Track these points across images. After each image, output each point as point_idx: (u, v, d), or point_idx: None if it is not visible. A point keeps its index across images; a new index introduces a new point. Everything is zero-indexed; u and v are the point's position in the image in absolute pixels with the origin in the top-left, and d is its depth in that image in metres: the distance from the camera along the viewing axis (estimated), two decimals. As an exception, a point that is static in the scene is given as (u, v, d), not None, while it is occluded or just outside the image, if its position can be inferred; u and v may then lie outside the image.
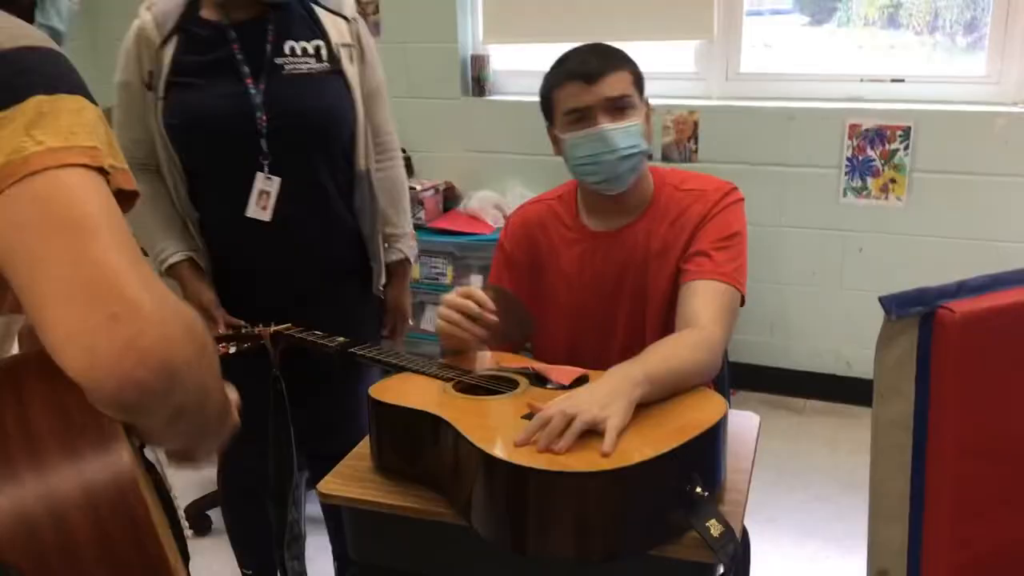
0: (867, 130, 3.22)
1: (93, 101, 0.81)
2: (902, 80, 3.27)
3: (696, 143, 3.46)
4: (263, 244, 1.87)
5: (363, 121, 1.91)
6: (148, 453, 0.91)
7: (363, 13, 3.73)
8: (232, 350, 1.79)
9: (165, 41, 1.79)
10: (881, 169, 3.24)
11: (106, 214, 0.74)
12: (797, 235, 3.43)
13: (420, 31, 3.75)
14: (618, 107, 1.64)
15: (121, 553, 0.71)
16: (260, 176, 1.82)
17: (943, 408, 0.93)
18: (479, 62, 3.75)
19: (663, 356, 1.44)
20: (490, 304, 1.56)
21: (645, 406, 1.35)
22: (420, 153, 3.89)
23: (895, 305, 0.91)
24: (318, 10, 1.89)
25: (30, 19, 0.94)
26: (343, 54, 1.88)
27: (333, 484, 1.44)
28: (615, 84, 1.63)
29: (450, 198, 3.82)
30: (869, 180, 3.26)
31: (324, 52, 1.86)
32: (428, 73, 3.79)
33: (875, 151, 3.23)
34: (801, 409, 3.54)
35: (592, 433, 1.26)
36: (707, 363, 1.49)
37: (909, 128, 3.17)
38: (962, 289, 0.93)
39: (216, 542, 2.33)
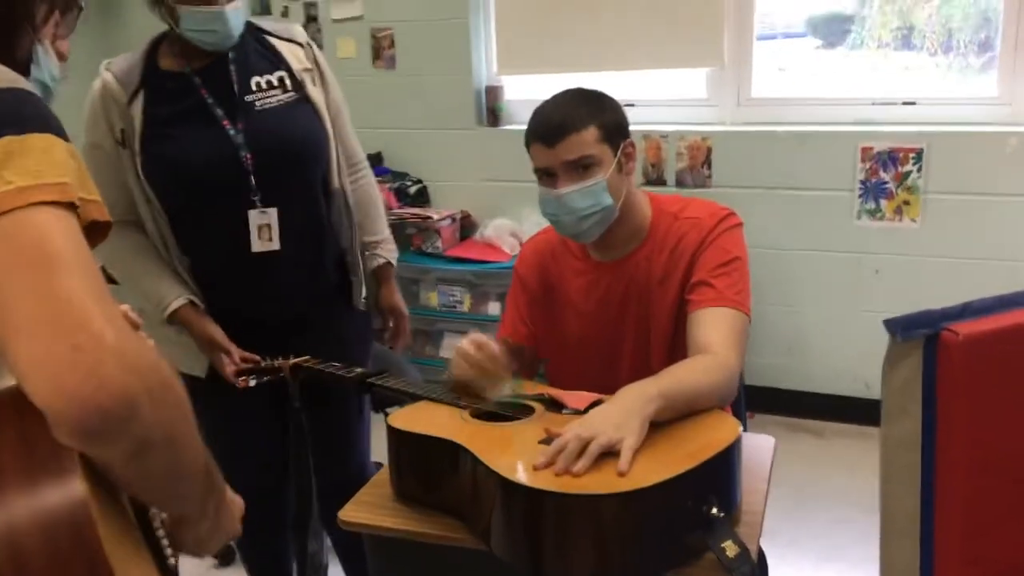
0: (879, 152, 3.24)
1: (65, 137, 0.84)
2: (913, 103, 3.30)
3: (710, 168, 3.49)
4: (257, 274, 1.89)
5: (334, 141, 1.96)
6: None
7: (377, 47, 3.84)
8: (252, 383, 1.82)
9: (132, 97, 1.82)
10: (895, 191, 3.25)
11: (72, 249, 0.77)
12: (813, 258, 3.45)
13: (435, 63, 3.82)
14: (580, 167, 1.64)
15: (70, 571, 0.72)
16: (254, 213, 1.85)
17: (950, 428, 0.95)
18: (493, 93, 3.81)
19: (677, 376, 1.46)
20: (503, 360, 1.58)
21: (660, 428, 1.37)
22: (436, 183, 3.94)
23: (900, 328, 0.93)
24: (272, 40, 1.93)
25: (26, 74, 0.97)
26: (306, 79, 1.93)
27: (354, 512, 1.47)
28: (574, 146, 1.62)
29: (467, 227, 3.87)
30: (883, 202, 3.28)
31: (288, 81, 1.90)
32: (443, 104, 3.85)
33: (888, 173, 3.24)
34: (821, 432, 3.53)
35: (608, 454, 1.28)
36: (722, 385, 1.51)
37: (922, 150, 3.19)
38: (967, 311, 0.95)
39: (241, 572, 2.36)
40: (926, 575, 1.00)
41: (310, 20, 3.96)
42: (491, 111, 3.83)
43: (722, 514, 1.27)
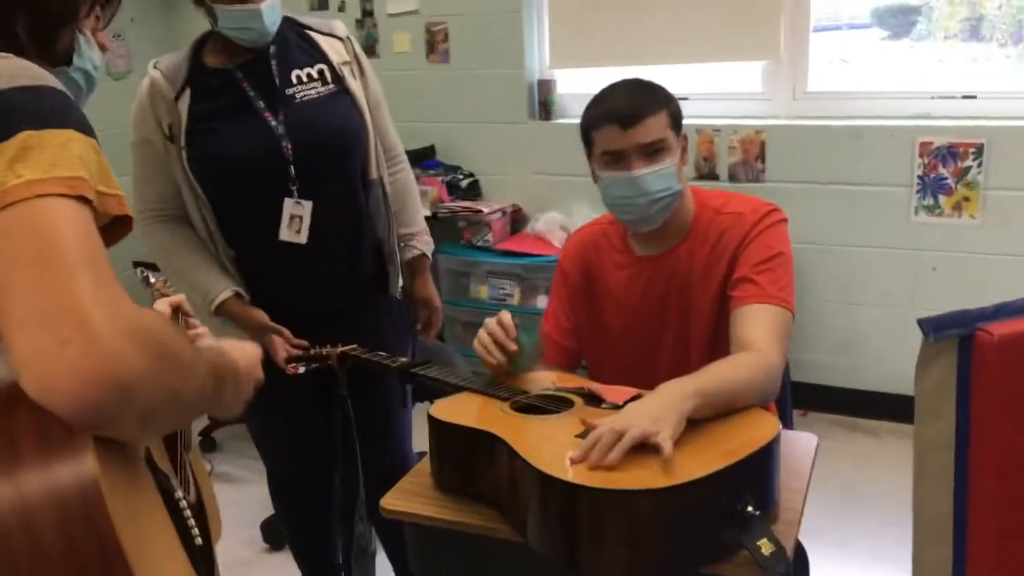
0: (938, 147, 3.18)
1: (88, 132, 0.86)
2: (974, 96, 3.22)
3: (763, 163, 3.46)
4: (297, 266, 1.94)
5: (372, 132, 2.01)
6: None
7: (432, 41, 3.88)
8: (301, 370, 1.87)
9: (179, 94, 1.88)
10: (954, 187, 3.18)
11: (76, 241, 0.78)
12: (868, 254, 3.39)
13: (488, 58, 3.84)
14: (652, 151, 1.67)
15: (82, 551, 0.75)
16: (289, 202, 1.90)
17: (983, 429, 0.94)
18: (545, 87, 3.82)
19: (716, 373, 1.46)
20: (512, 332, 1.62)
21: (698, 424, 1.38)
22: (488, 176, 3.97)
23: (933, 328, 0.93)
24: (312, 35, 1.99)
25: (65, 64, 1.01)
26: (345, 72, 1.97)
27: (395, 500, 1.50)
28: (650, 129, 1.65)
29: (518, 220, 3.89)
30: (941, 198, 3.21)
31: (328, 74, 1.96)
32: (496, 98, 3.87)
33: (947, 169, 3.18)
34: (875, 431, 3.48)
35: (644, 451, 1.29)
36: (762, 383, 1.50)
37: (982, 145, 3.11)
38: (1001, 311, 0.94)
39: (290, 556, 2.42)
40: (959, 577, 0.99)
41: (366, 14, 4.01)
42: (543, 105, 3.83)
43: (757, 512, 1.27)
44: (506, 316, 1.64)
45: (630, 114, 1.65)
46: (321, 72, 1.95)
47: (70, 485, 0.76)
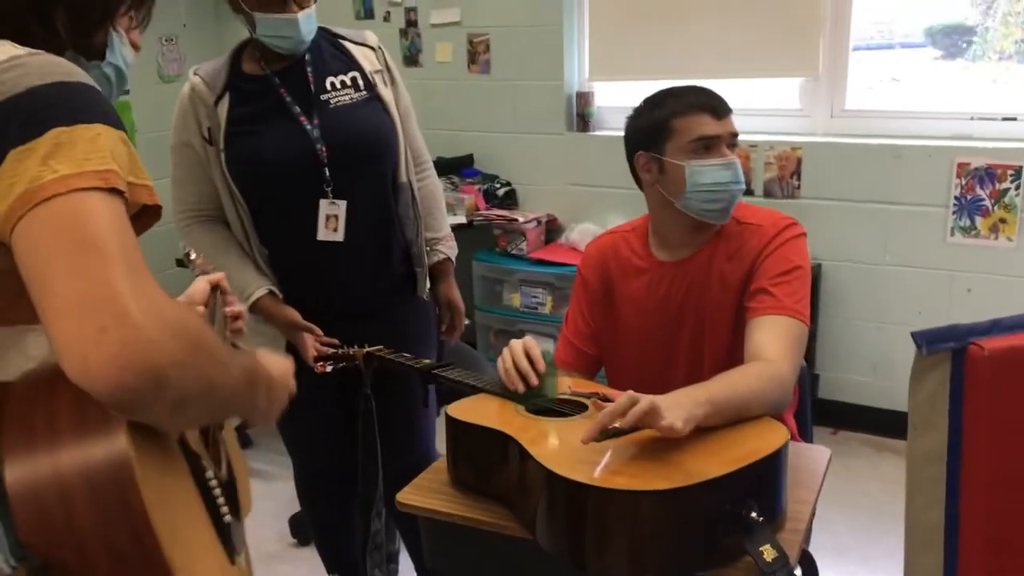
0: (976, 169, 3.16)
1: (117, 126, 0.90)
2: (1014, 118, 3.19)
3: (799, 179, 3.46)
4: (329, 264, 2.01)
5: (403, 138, 2.07)
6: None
7: (473, 51, 3.94)
8: (329, 368, 1.93)
9: (218, 99, 1.96)
10: (991, 209, 3.16)
11: (111, 232, 0.81)
12: (903, 274, 3.38)
13: (528, 70, 3.89)
14: (734, 144, 1.76)
15: (113, 526, 0.81)
16: (324, 203, 1.97)
17: (975, 441, 0.96)
18: (584, 99, 3.86)
19: (727, 383, 1.49)
20: (541, 366, 1.63)
21: (708, 431, 1.40)
22: (524, 186, 4.02)
23: (926, 341, 0.95)
24: (346, 44, 2.06)
25: (99, 58, 1.06)
26: (377, 80, 2.04)
27: (411, 495, 1.55)
28: (732, 123, 1.76)
29: (552, 229, 3.93)
30: (978, 219, 3.19)
31: (360, 81, 2.03)
32: (535, 109, 3.93)
33: (984, 190, 3.16)
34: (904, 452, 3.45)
35: (650, 455, 1.32)
36: (772, 393, 1.53)
37: (1021, 167, 3.09)
38: (996, 327, 0.96)
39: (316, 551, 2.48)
40: (950, 587, 1.01)
41: (409, 25, 4.09)
42: (581, 116, 3.87)
43: (761, 519, 1.29)
44: (534, 349, 1.65)
45: (720, 106, 1.74)
46: (354, 79, 2.02)
47: (103, 463, 0.81)
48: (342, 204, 1.98)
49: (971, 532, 0.98)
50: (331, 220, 1.97)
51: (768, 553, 1.28)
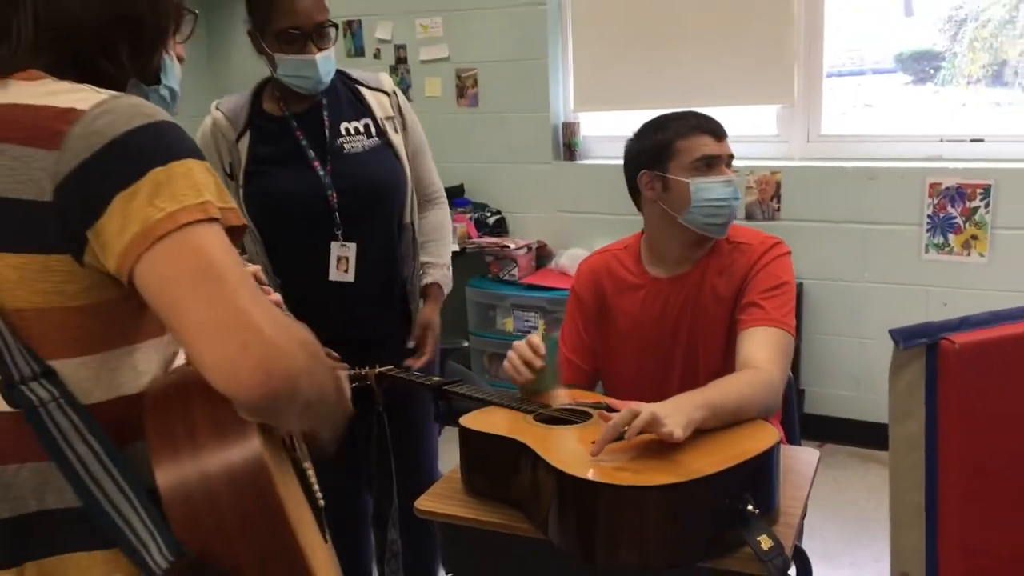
0: (947, 188, 3.31)
1: (201, 156, 0.98)
2: (981, 140, 3.35)
3: (779, 202, 3.60)
4: (335, 302, 2.08)
5: (410, 182, 2.16)
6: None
7: (462, 86, 4.07)
8: (342, 388, 2.02)
9: (240, 135, 2.05)
10: (962, 226, 3.31)
11: (227, 259, 0.92)
12: (881, 291, 3.51)
13: (515, 102, 4.03)
14: (731, 164, 1.91)
15: (254, 518, 0.91)
16: (335, 245, 2.06)
17: (949, 428, 1.07)
18: (570, 129, 4.00)
19: (722, 389, 1.60)
20: (541, 350, 1.75)
21: (706, 433, 1.51)
22: (514, 214, 4.14)
23: (903, 337, 1.06)
24: (361, 89, 2.15)
25: (156, 82, 1.15)
26: (387, 126, 2.13)
27: (429, 502, 1.64)
28: (729, 147, 1.91)
29: (542, 256, 4.05)
30: (951, 237, 3.33)
31: (372, 127, 2.11)
32: (522, 140, 4.06)
33: (956, 208, 3.30)
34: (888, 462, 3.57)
35: (654, 453, 1.43)
36: (763, 398, 1.64)
37: (989, 186, 3.24)
38: (964, 323, 1.08)
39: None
40: (931, 563, 1.11)
41: (399, 61, 4.22)
42: (568, 146, 4.01)
43: (757, 511, 1.40)
44: (535, 337, 1.78)
45: (719, 129, 1.90)
46: (367, 126, 2.11)
47: (243, 464, 0.92)
48: (352, 247, 2.07)
49: (948, 509, 1.09)
50: (342, 262, 2.06)
51: (765, 543, 1.38)
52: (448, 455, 1.94)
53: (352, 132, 2.10)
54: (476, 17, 4.02)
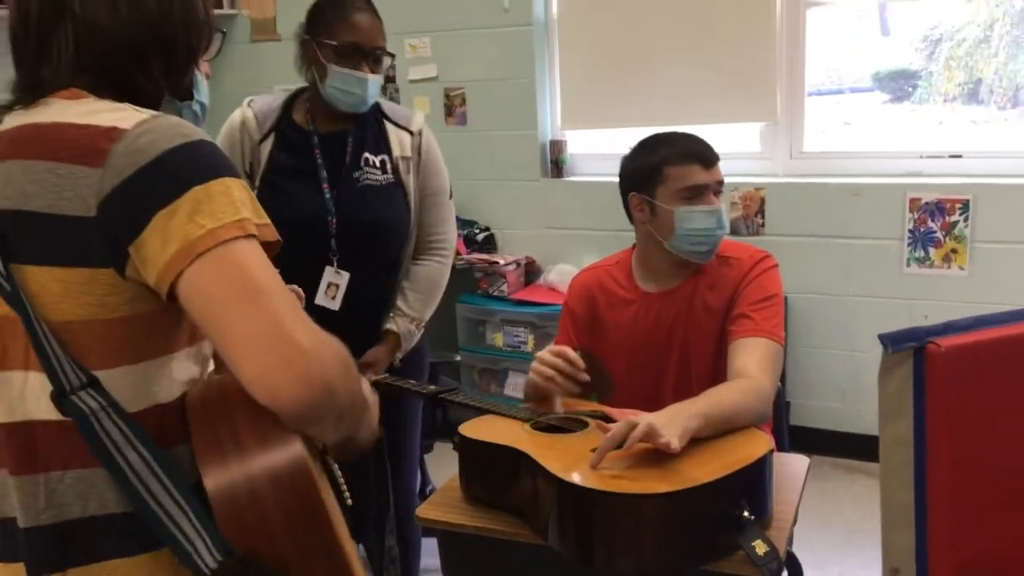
0: (927, 203, 3.38)
1: (237, 174, 1.02)
2: (960, 156, 3.43)
3: (763, 218, 3.67)
4: (328, 328, 2.08)
5: (414, 225, 2.14)
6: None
7: (450, 105, 4.13)
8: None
9: (264, 138, 2.05)
10: (943, 240, 3.38)
11: (266, 274, 0.97)
12: (864, 304, 3.57)
13: (503, 120, 4.09)
14: (719, 191, 1.92)
15: (299, 516, 0.95)
16: (329, 270, 2.06)
17: (937, 428, 1.11)
18: (557, 146, 4.05)
19: (716, 398, 1.65)
20: (580, 363, 1.78)
21: (700, 441, 1.55)
22: (503, 230, 4.18)
23: (891, 341, 1.11)
24: (387, 124, 2.13)
25: (189, 98, 1.19)
26: (401, 166, 2.11)
27: (429, 510, 1.67)
28: (720, 171, 1.92)
29: (531, 271, 4.09)
30: (931, 250, 3.41)
31: (388, 165, 2.10)
32: (510, 157, 4.11)
33: (936, 223, 3.38)
34: (874, 473, 3.60)
35: (652, 462, 1.47)
36: (756, 405, 1.68)
37: (968, 201, 3.32)
38: (950, 328, 1.13)
39: None
40: (921, 559, 1.15)
41: (388, 81, 4.26)
42: (555, 163, 4.06)
43: (752, 517, 1.44)
44: (567, 351, 1.78)
45: (710, 156, 1.91)
46: (383, 162, 2.10)
47: (287, 467, 0.96)
48: (345, 276, 2.06)
49: (937, 507, 1.13)
50: (331, 288, 2.06)
51: (760, 548, 1.42)
52: (444, 467, 1.96)
53: (372, 165, 2.09)
54: (464, 37, 4.08)
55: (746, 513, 1.44)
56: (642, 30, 3.79)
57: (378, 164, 2.09)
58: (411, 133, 2.15)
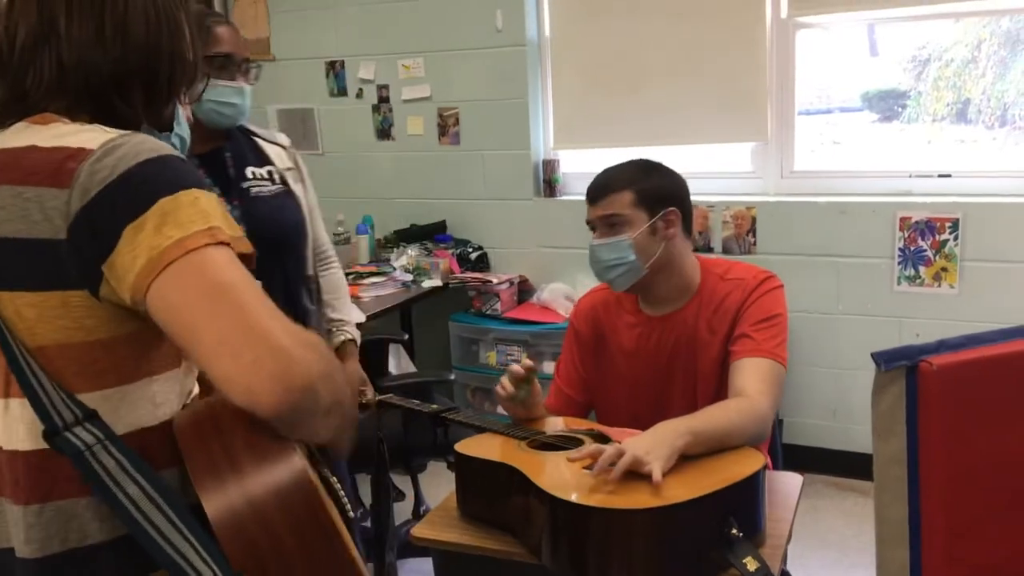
0: (917, 222, 3.41)
1: (207, 188, 0.99)
2: (949, 175, 3.47)
3: (754, 236, 3.69)
4: None
5: (311, 233, 2.17)
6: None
7: (443, 124, 4.15)
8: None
9: None
10: (933, 258, 3.41)
11: (234, 274, 0.93)
12: (855, 322, 3.60)
13: (496, 140, 4.12)
14: (610, 224, 1.92)
15: (309, 535, 0.92)
16: None
17: (930, 445, 1.13)
18: (550, 166, 4.08)
19: (708, 416, 1.66)
20: (509, 388, 1.82)
21: (693, 459, 1.56)
22: (496, 250, 4.20)
23: (884, 359, 1.13)
24: (259, 141, 2.15)
25: (168, 129, 1.17)
26: (289, 176, 2.14)
27: (424, 529, 1.67)
28: (608, 205, 1.92)
29: (524, 290, 4.11)
30: (921, 269, 3.43)
31: (276, 175, 2.12)
32: (503, 177, 4.14)
33: (926, 241, 3.41)
34: (867, 491, 3.62)
35: (642, 479, 1.48)
36: (751, 426, 1.69)
37: (957, 220, 3.35)
38: (942, 346, 1.14)
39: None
40: (915, 574, 1.17)
41: (382, 101, 4.30)
42: (548, 183, 4.09)
43: (741, 534, 1.44)
44: (513, 366, 1.85)
45: (596, 191, 1.94)
46: (270, 173, 2.09)
47: (290, 484, 0.93)
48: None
49: (931, 523, 1.14)
50: None
51: (751, 564, 1.43)
52: (439, 487, 1.98)
53: (258, 176, 2.08)
54: (457, 58, 4.12)
55: (735, 530, 1.45)
56: (634, 51, 3.83)
57: (265, 175, 2.09)
58: (283, 147, 2.18)
